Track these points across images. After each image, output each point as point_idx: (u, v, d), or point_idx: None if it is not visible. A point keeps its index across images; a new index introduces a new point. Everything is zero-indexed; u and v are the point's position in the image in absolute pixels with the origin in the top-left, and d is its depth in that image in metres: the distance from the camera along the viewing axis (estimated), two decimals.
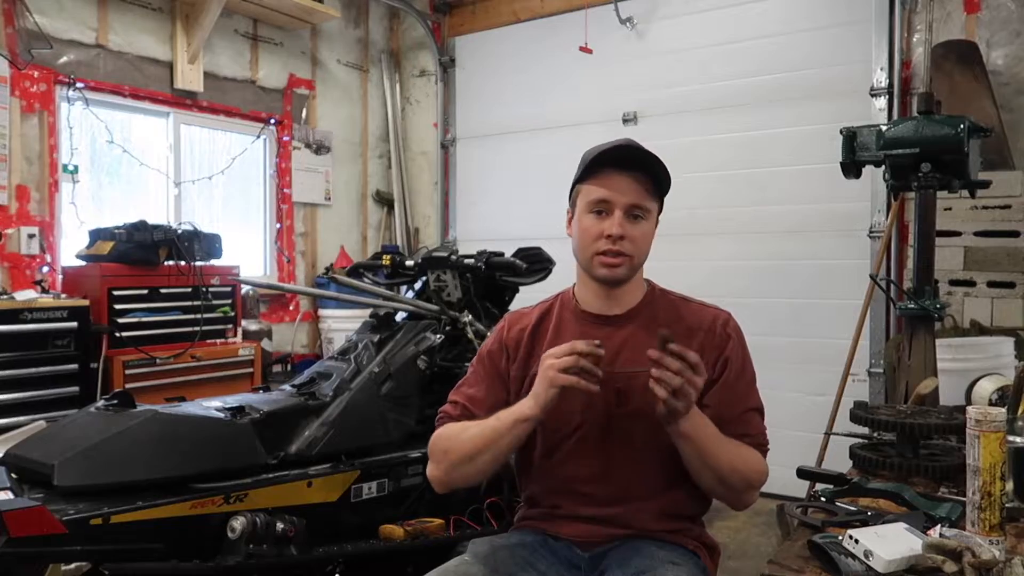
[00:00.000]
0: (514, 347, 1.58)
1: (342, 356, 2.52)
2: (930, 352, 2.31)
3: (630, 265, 1.48)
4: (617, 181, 1.47)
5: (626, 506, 1.47)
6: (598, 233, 1.47)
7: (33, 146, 3.87)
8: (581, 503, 1.49)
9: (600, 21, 4.72)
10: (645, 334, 1.47)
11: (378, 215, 5.81)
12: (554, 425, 1.49)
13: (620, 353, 1.48)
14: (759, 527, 3.61)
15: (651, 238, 1.52)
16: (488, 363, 1.59)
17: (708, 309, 1.57)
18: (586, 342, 1.35)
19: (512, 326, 1.61)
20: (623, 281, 1.51)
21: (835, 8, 4.11)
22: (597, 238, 1.47)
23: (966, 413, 1.24)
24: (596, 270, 1.49)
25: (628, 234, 1.46)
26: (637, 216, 1.47)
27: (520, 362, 1.56)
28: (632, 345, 1.49)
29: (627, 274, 1.49)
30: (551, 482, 1.53)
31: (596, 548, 1.48)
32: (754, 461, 1.46)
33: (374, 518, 2.21)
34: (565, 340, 1.49)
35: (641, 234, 1.48)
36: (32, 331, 3.31)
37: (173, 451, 1.91)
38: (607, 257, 1.47)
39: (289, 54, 5.11)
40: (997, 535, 1.18)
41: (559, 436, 1.50)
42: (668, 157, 1.57)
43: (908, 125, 2.28)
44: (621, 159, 1.48)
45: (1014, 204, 3.33)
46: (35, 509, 1.63)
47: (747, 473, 1.44)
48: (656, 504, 1.48)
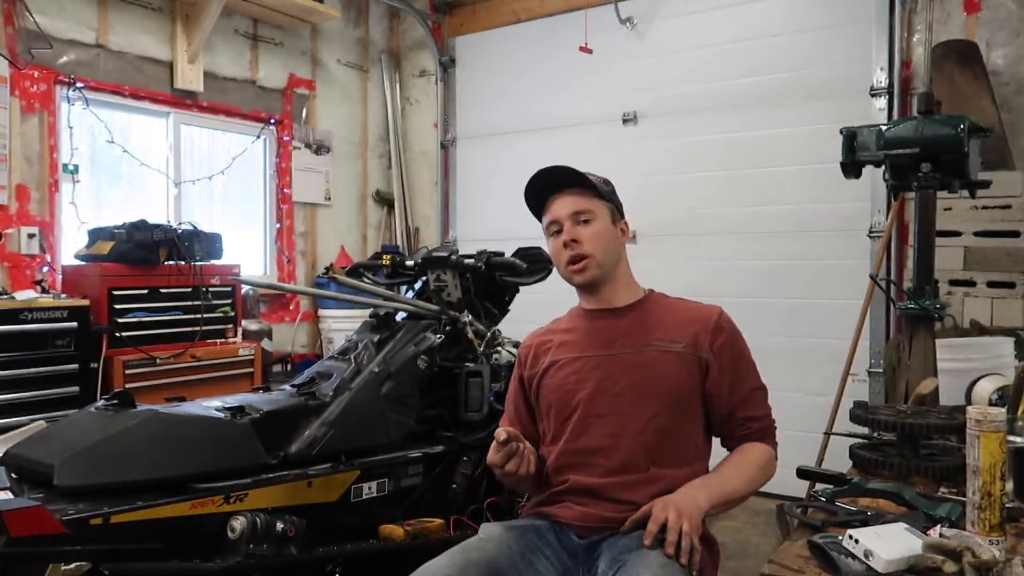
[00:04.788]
0: (526, 354, 1.79)
1: (342, 356, 2.52)
2: (930, 352, 2.32)
3: (595, 263, 1.65)
4: (557, 202, 1.68)
5: (627, 476, 1.55)
6: (559, 248, 1.68)
7: (33, 146, 3.87)
8: (586, 473, 1.58)
9: (600, 21, 4.72)
10: (642, 325, 1.66)
11: (378, 215, 5.81)
12: (559, 408, 1.66)
13: (617, 339, 1.65)
14: (759, 527, 3.61)
15: (608, 235, 1.68)
16: (515, 384, 1.83)
17: (702, 306, 1.72)
18: (506, 429, 1.53)
19: (527, 340, 1.84)
20: (599, 280, 1.68)
21: (835, 8, 4.11)
22: (560, 253, 1.68)
23: (966, 413, 1.24)
24: (573, 279, 1.69)
25: (578, 236, 1.64)
26: (584, 220, 1.66)
27: (531, 363, 1.76)
28: (628, 332, 1.66)
29: (597, 272, 1.66)
30: (559, 458, 1.63)
31: (592, 536, 1.53)
32: (762, 459, 1.61)
33: (374, 518, 2.21)
34: (577, 333, 1.72)
35: (592, 233, 1.65)
36: (32, 331, 3.31)
37: (173, 451, 1.90)
38: (572, 264, 1.66)
39: (289, 54, 5.11)
40: (997, 535, 1.18)
41: (564, 415, 1.65)
42: (668, 157, 1.64)
43: (908, 125, 2.28)
44: (555, 184, 1.68)
45: (1014, 204, 3.32)
46: (35, 509, 1.63)
47: (764, 475, 1.61)
48: (656, 476, 1.54)
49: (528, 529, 1.56)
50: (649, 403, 1.57)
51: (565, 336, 1.74)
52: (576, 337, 1.71)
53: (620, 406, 1.59)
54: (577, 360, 1.67)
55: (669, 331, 1.64)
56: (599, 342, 1.67)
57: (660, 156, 4.54)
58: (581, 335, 1.71)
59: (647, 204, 4.55)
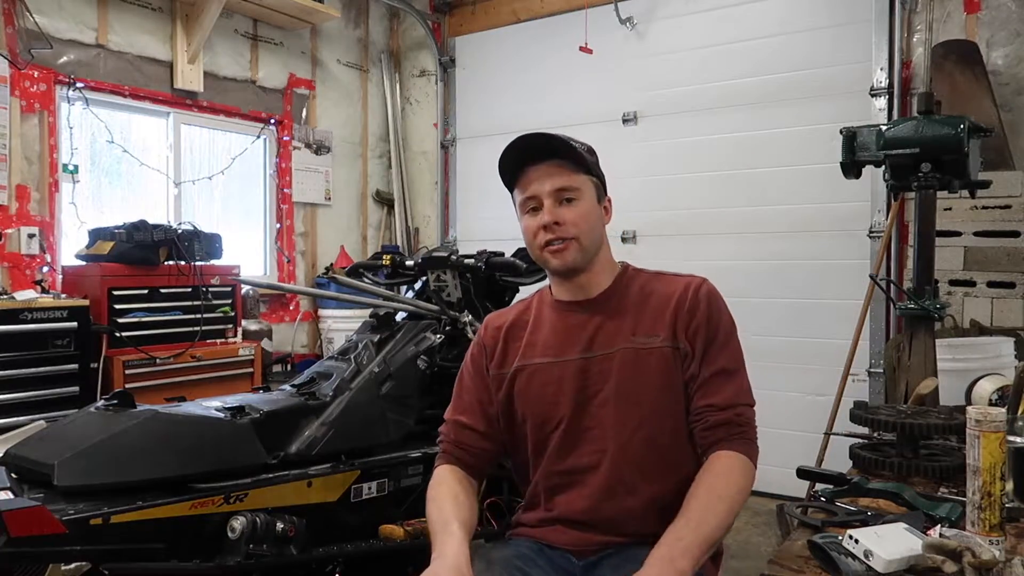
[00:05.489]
0: (492, 345, 1.61)
1: (342, 356, 2.52)
2: (930, 352, 2.32)
3: (578, 247, 1.48)
4: (535, 175, 1.49)
5: (618, 499, 1.44)
6: (536, 228, 1.49)
7: (33, 146, 3.87)
8: (576, 494, 1.48)
9: (600, 21, 4.72)
10: (619, 318, 1.51)
11: (378, 215, 5.81)
12: (539, 421, 1.52)
13: (594, 338, 1.50)
14: (759, 527, 3.61)
15: (593, 214, 1.51)
16: (471, 367, 1.63)
17: (680, 279, 1.55)
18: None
19: (489, 326, 1.65)
20: (580, 266, 1.51)
21: (835, 8, 4.11)
22: (536, 233, 1.49)
23: (966, 413, 1.24)
24: (549, 263, 1.51)
25: (562, 218, 1.47)
26: (568, 199, 1.48)
27: (497, 359, 1.59)
28: (606, 329, 1.50)
29: (579, 256, 1.49)
30: (546, 479, 1.52)
31: (591, 556, 1.46)
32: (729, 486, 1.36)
33: (374, 518, 2.21)
34: (543, 330, 1.56)
35: (577, 213, 1.48)
36: (32, 331, 3.31)
37: (173, 451, 1.90)
38: (552, 247, 1.48)
39: (289, 54, 5.11)
40: (997, 535, 1.18)
41: (546, 430, 1.51)
42: (668, 157, 1.58)
43: (908, 125, 2.28)
44: (533, 153, 1.50)
45: (1014, 204, 3.33)
46: (35, 509, 1.63)
47: (739, 498, 1.37)
48: (649, 493, 1.44)
49: (514, 558, 1.44)
50: (633, 413, 1.45)
51: (535, 333, 1.57)
52: (548, 336, 1.55)
53: (604, 417, 1.46)
54: (553, 367, 1.51)
55: (648, 321, 1.49)
56: (575, 343, 1.51)
57: (660, 156, 4.54)
58: (553, 334, 1.54)
59: (647, 204, 4.57)
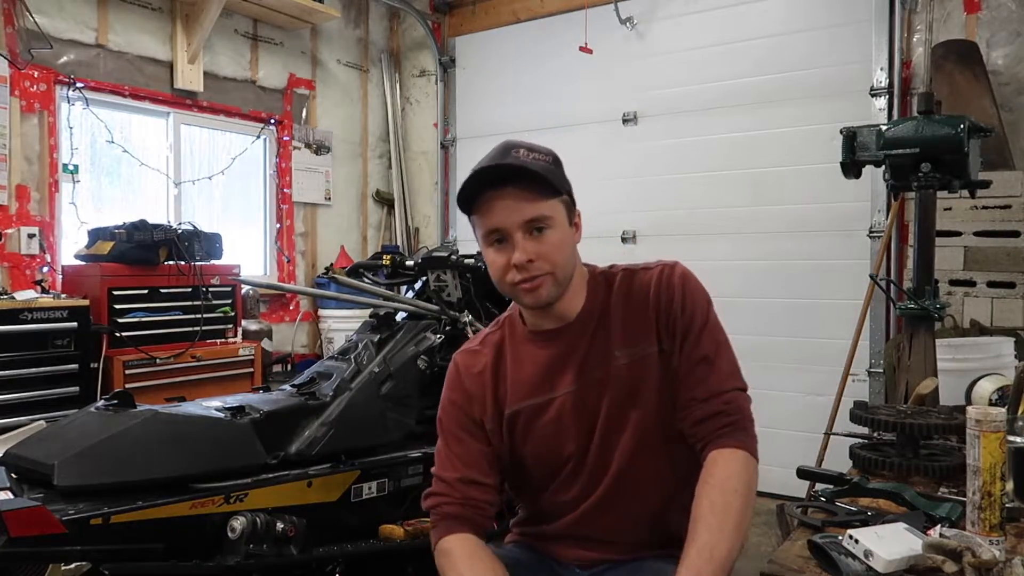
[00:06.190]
0: (479, 392, 1.46)
1: (342, 356, 2.52)
2: (930, 352, 2.32)
3: (553, 280, 1.34)
4: (500, 202, 1.32)
5: (626, 514, 1.41)
6: (505, 265, 1.34)
7: (33, 146, 3.87)
8: (579, 515, 1.44)
9: (600, 21, 4.72)
10: (602, 336, 1.40)
11: (378, 215, 5.81)
12: (544, 461, 1.44)
13: (583, 365, 1.40)
14: (759, 527, 3.60)
15: (567, 243, 1.36)
16: (462, 418, 1.46)
17: (650, 270, 1.43)
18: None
19: (467, 371, 1.48)
20: (555, 299, 1.38)
21: (835, 8, 4.11)
22: (507, 270, 1.34)
23: (966, 413, 1.24)
24: (523, 299, 1.38)
25: (535, 253, 1.32)
26: (539, 228, 1.32)
27: (491, 409, 1.45)
28: (592, 353, 1.40)
29: (555, 291, 1.36)
30: (551, 505, 1.47)
31: (595, 568, 1.44)
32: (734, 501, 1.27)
33: (374, 518, 2.21)
34: (526, 367, 1.44)
35: (551, 245, 1.33)
36: (32, 331, 3.31)
37: (173, 451, 1.91)
38: (525, 284, 1.34)
39: (289, 54, 5.11)
40: (997, 535, 1.18)
41: (552, 467, 1.44)
42: (668, 157, 1.56)
43: (908, 125, 2.28)
44: (494, 177, 1.33)
45: (1014, 204, 3.33)
46: (35, 509, 1.63)
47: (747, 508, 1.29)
48: (658, 503, 1.41)
49: (515, 566, 1.40)
50: (636, 430, 1.38)
51: (519, 371, 1.45)
52: (533, 374, 1.43)
53: (609, 442, 1.40)
54: (549, 405, 1.41)
55: (632, 330, 1.40)
56: (564, 374, 1.41)
57: (660, 156, 4.53)
58: (539, 369, 1.43)
59: (647, 204, 4.56)
